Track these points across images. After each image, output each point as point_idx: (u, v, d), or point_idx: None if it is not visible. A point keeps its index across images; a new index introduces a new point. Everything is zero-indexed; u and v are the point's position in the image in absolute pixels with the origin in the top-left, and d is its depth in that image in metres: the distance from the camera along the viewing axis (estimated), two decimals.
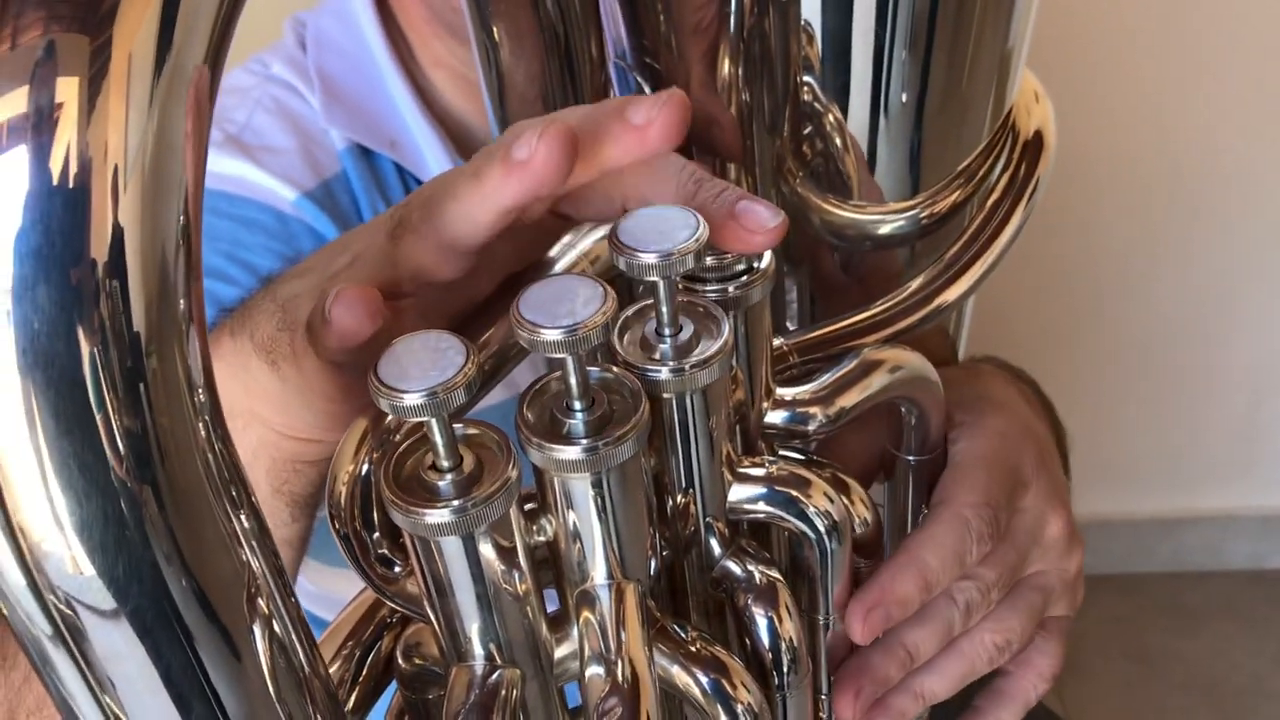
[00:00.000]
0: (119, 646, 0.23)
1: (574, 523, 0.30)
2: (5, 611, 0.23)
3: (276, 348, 0.33)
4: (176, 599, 0.23)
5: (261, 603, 0.26)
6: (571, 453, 0.28)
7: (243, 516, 0.25)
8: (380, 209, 0.66)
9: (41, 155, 0.20)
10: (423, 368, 0.26)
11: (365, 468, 0.31)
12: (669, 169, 0.32)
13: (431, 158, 0.66)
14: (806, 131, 0.42)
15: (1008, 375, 0.50)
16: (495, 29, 0.39)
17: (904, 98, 0.42)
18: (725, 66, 0.42)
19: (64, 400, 0.20)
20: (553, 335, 0.27)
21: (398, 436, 0.31)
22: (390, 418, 0.31)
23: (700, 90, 0.43)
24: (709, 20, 0.41)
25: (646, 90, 0.43)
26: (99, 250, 0.20)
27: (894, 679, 0.38)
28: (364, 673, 0.35)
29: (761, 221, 0.31)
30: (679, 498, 0.33)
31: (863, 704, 0.38)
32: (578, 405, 0.28)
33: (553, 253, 0.36)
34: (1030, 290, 1.37)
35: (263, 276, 0.51)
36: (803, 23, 0.40)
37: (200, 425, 0.23)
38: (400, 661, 0.34)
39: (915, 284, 0.44)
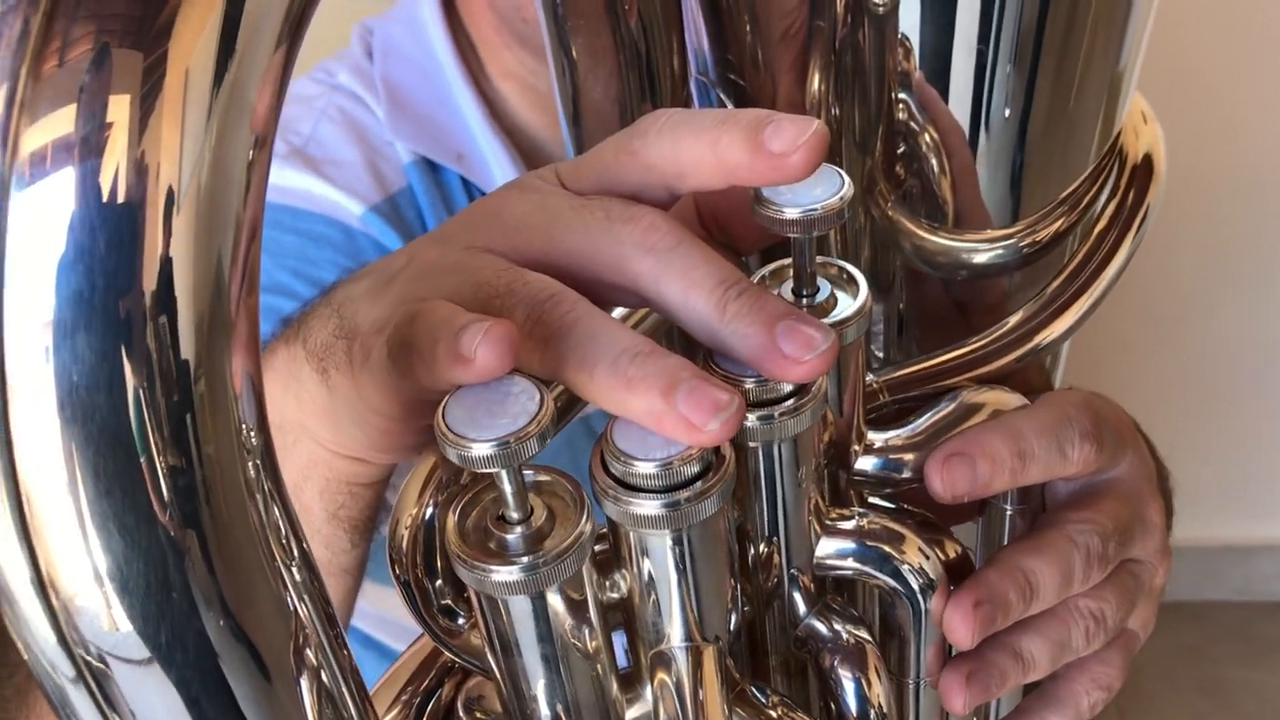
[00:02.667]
0: (153, 701, 0.21)
1: (650, 580, 0.28)
2: (34, 671, 0.21)
3: (330, 355, 0.31)
4: (217, 647, 0.21)
5: (310, 654, 0.24)
6: (650, 507, 0.26)
7: (294, 568, 0.23)
8: None
9: (89, 179, 0.18)
10: (493, 414, 0.24)
11: (430, 511, 0.28)
12: (707, 272, 0.28)
13: (498, 171, 0.65)
14: (900, 151, 0.40)
15: None
16: (573, 46, 0.37)
17: (1006, 115, 0.39)
18: (814, 81, 0.39)
19: (106, 457, 0.18)
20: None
21: (464, 479, 0.29)
22: None
23: (787, 107, 0.40)
24: (797, 28, 0.38)
25: (730, 106, 0.40)
26: (149, 280, 0.18)
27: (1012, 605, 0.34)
28: None
29: (808, 344, 0.26)
30: (762, 547, 0.31)
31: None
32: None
33: None
34: (1098, 312, 1.33)
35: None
36: (900, 35, 0.37)
37: (251, 466, 0.21)
38: (461, 715, 0.32)
39: (1013, 320, 0.41)
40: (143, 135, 0.18)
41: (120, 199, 0.18)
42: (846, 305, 0.30)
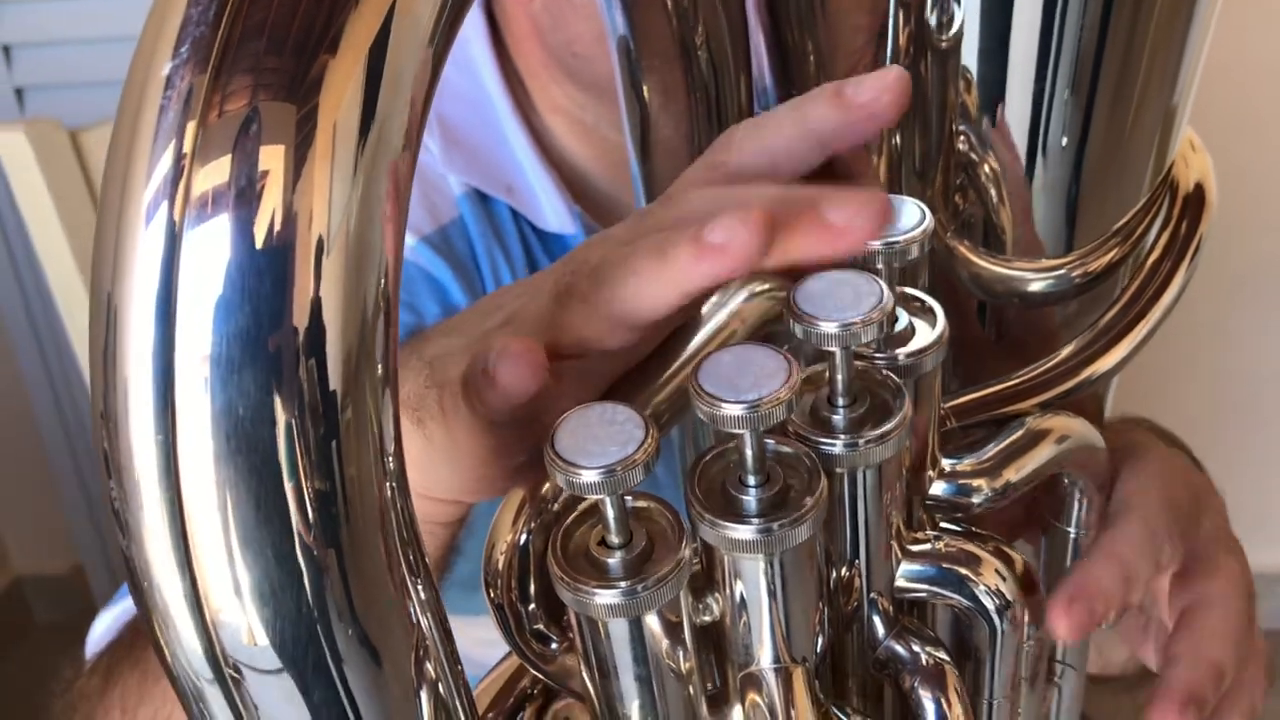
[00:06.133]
0: (282, 706, 0.22)
1: (742, 602, 0.28)
2: (173, 671, 0.22)
3: (424, 406, 0.32)
4: (345, 656, 0.22)
5: (429, 667, 0.25)
6: (745, 532, 0.27)
7: (420, 585, 0.24)
8: (496, 255, 0.65)
9: (245, 224, 0.19)
10: (600, 443, 0.25)
11: (524, 537, 0.29)
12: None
13: (546, 203, 0.66)
14: (959, 181, 0.41)
15: (1162, 440, 0.47)
16: (645, 85, 0.38)
17: (1063, 145, 0.40)
18: None
19: (258, 483, 0.19)
20: (734, 410, 0.25)
21: (555, 506, 0.30)
22: (547, 487, 0.30)
23: None
24: (861, 66, 0.39)
25: None
26: (300, 318, 0.20)
27: None
28: None
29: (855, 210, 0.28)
30: (844, 571, 0.31)
31: None
32: (752, 481, 0.27)
33: (703, 310, 0.34)
34: None
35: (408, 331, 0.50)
36: (961, 68, 0.38)
37: (388, 486, 0.22)
38: None
39: (1066, 351, 0.42)
40: (296, 183, 0.19)
41: (276, 238, 0.19)
42: (925, 334, 0.31)
